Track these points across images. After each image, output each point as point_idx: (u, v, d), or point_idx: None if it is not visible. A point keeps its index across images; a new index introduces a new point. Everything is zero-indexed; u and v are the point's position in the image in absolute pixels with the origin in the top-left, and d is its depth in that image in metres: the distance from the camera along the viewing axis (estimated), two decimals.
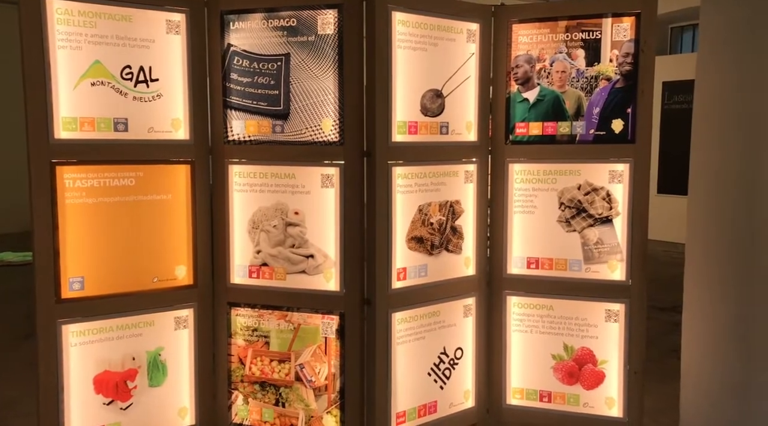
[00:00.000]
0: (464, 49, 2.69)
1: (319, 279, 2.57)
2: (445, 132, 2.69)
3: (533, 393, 2.85)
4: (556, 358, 2.82)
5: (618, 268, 2.74)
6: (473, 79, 2.74)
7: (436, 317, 2.74)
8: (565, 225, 2.80)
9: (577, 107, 2.72)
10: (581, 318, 2.79)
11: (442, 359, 2.76)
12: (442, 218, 2.73)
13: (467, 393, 2.85)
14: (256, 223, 2.60)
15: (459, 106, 2.71)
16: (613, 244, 2.74)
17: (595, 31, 2.66)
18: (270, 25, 2.51)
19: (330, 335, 2.58)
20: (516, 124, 2.80)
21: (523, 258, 2.85)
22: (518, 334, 2.88)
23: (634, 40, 2.62)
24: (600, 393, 2.77)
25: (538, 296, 2.83)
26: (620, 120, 2.68)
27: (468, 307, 2.83)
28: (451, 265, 2.77)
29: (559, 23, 2.69)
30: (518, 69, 2.77)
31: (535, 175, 2.81)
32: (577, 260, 2.79)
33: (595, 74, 2.68)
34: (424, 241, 2.68)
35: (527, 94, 2.77)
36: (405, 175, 2.60)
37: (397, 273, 2.61)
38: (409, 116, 2.58)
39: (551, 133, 2.77)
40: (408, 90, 2.57)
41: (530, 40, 2.74)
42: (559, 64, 2.72)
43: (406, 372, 2.66)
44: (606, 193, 2.74)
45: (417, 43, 2.56)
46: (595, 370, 2.77)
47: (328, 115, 2.49)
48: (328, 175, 2.52)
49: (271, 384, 2.64)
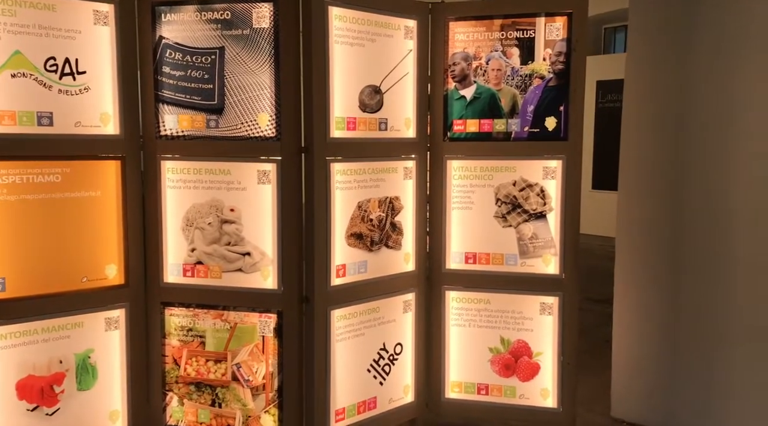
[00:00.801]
0: (402, 46, 2.70)
1: (256, 277, 2.53)
2: (384, 128, 2.69)
3: (471, 386, 2.89)
4: (493, 351, 2.87)
5: (552, 262, 2.80)
6: (411, 75, 2.75)
7: (376, 313, 2.74)
8: (501, 220, 2.85)
9: (513, 105, 2.77)
10: (517, 311, 2.85)
11: (382, 355, 2.77)
12: (381, 214, 2.73)
13: (407, 388, 2.86)
14: (191, 221, 2.53)
15: (398, 103, 2.71)
16: (547, 239, 2.81)
17: (529, 30, 2.71)
18: (203, 18, 2.45)
19: (267, 334, 2.54)
20: (454, 121, 2.83)
21: (462, 253, 2.88)
22: (457, 328, 2.91)
23: (566, 39, 2.68)
24: (535, 384, 2.83)
25: (476, 290, 2.87)
26: (553, 118, 2.74)
27: (408, 302, 2.85)
28: (390, 261, 2.77)
29: (495, 22, 2.73)
30: (455, 66, 2.80)
31: (473, 172, 2.85)
32: (513, 255, 2.84)
33: (530, 72, 2.73)
34: (364, 237, 2.67)
35: (464, 91, 2.80)
36: (344, 171, 2.59)
37: (336, 270, 2.59)
38: (348, 112, 2.57)
39: (488, 130, 2.81)
40: (346, 86, 2.55)
41: (467, 37, 2.77)
42: (495, 62, 2.76)
43: (346, 369, 2.65)
44: (540, 189, 2.80)
45: (354, 38, 2.55)
46: (531, 362, 2.83)
47: (265, 109, 2.46)
48: (264, 171, 2.48)
49: (207, 384, 2.59)
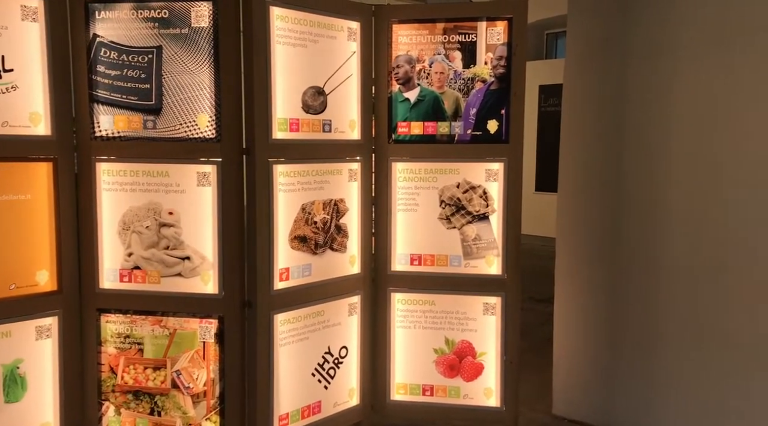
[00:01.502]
0: (345, 48, 2.69)
1: (196, 282, 2.47)
2: (328, 130, 2.67)
3: (416, 387, 2.90)
4: (438, 352, 2.89)
5: (495, 263, 2.84)
6: (355, 77, 2.74)
7: (321, 317, 2.72)
8: (445, 222, 2.87)
9: (456, 108, 2.80)
10: (461, 312, 2.87)
11: (327, 359, 2.75)
12: (326, 217, 2.71)
13: (352, 391, 2.85)
14: (127, 224, 2.46)
15: (341, 105, 2.70)
16: (490, 240, 2.84)
17: (471, 34, 2.74)
18: (140, 16, 2.38)
19: (208, 340, 2.49)
20: (398, 123, 2.83)
21: (407, 255, 2.89)
22: (402, 330, 2.92)
23: (506, 43, 2.72)
24: (479, 384, 2.86)
25: (421, 292, 2.89)
26: (495, 121, 2.78)
27: (353, 305, 2.84)
28: (335, 264, 2.76)
29: (437, 25, 2.75)
30: (399, 69, 2.80)
31: (417, 174, 2.86)
32: (457, 256, 2.87)
33: (472, 76, 2.77)
34: (308, 240, 2.65)
35: (408, 94, 2.82)
36: (287, 173, 2.56)
37: (279, 273, 2.56)
38: (290, 113, 2.54)
39: (432, 132, 2.82)
40: (288, 86, 2.52)
41: (410, 40, 2.79)
42: (438, 65, 2.78)
43: (289, 374, 2.62)
44: (483, 191, 2.83)
45: (297, 39, 2.53)
46: (475, 362, 2.86)
47: (204, 110, 2.40)
48: (204, 173, 2.43)
49: (146, 392, 2.51)
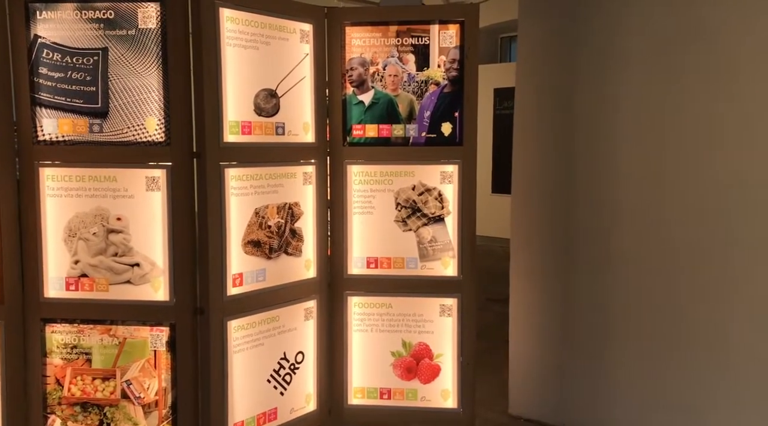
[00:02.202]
0: (298, 50, 2.67)
1: (147, 289, 2.41)
2: (281, 133, 2.65)
3: (374, 391, 2.89)
4: (395, 354, 2.89)
5: (450, 265, 2.85)
6: (308, 79, 2.72)
7: (276, 322, 2.68)
8: (401, 224, 2.87)
9: (410, 110, 2.80)
10: (418, 314, 2.88)
11: (283, 365, 2.71)
12: (280, 221, 2.68)
13: (308, 397, 2.82)
14: (73, 231, 2.38)
15: (295, 107, 2.68)
16: (445, 242, 2.86)
17: (424, 37, 2.75)
18: (84, 17, 2.31)
19: (160, 348, 2.43)
20: (353, 126, 2.82)
21: (363, 258, 2.88)
22: (359, 333, 2.90)
23: (459, 46, 2.74)
24: (436, 386, 2.87)
25: (378, 295, 2.88)
26: (449, 123, 2.80)
27: (309, 310, 2.81)
28: (291, 269, 2.73)
29: (391, 28, 2.75)
30: (353, 71, 2.80)
31: (373, 177, 2.86)
32: (413, 258, 2.87)
33: (425, 79, 2.78)
34: (262, 244, 2.61)
35: (362, 96, 2.81)
36: (239, 176, 2.52)
37: (232, 279, 2.51)
38: (242, 116, 2.51)
39: (386, 135, 2.82)
40: (240, 89, 2.49)
41: (363, 43, 2.78)
42: (392, 67, 2.78)
43: (244, 381, 2.58)
44: (438, 193, 2.84)
45: (248, 41, 2.49)
46: (432, 363, 2.87)
47: (153, 113, 2.35)
48: (153, 177, 2.37)
49: (95, 404, 2.43)
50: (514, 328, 3.30)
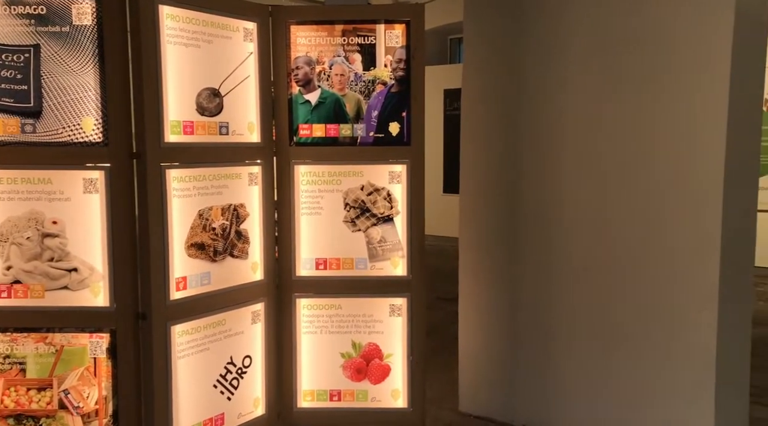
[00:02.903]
0: (242, 48, 2.62)
1: (85, 294, 2.33)
2: (225, 132, 2.60)
3: (323, 393, 2.87)
4: (345, 356, 2.87)
5: (400, 264, 2.85)
6: (253, 78, 2.67)
7: (222, 326, 2.63)
8: (350, 225, 2.85)
9: (357, 110, 2.79)
10: (368, 314, 2.86)
11: (229, 369, 2.66)
12: (225, 222, 2.63)
13: (257, 401, 2.77)
14: (5, 236, 2.28)
15: (239, 106, 2.63)
16: (394, 242, 2.85)
17: (370, 37, 2.74)
18: (13, 12, 2.21)
19: (100, 355, 2.35)
20: (299, 125, 2.79)
21: (312, 259, 2.85)
22: (308, 335, 2.87)
23: (405, 46, 2.74)
24: (386, 386, 2.86)
25: (327, 296, 2.86)
26: (397, 123, 2.79)
27: (256, 313, 2.76)
28: (237, 271, 2.68)
29: (336, 27, 2.74)
30: (298, 70, 2.77)
31: (321, 177, 2.83)
32: (362, 259, 2.85)
33: (372, 78, 2.77)
34: (206, 247, 2.56)
35: (309, 95, 2.78)
36: (181, 177, 2.46)
37: (176, 283, 2.45)
38: (184, 115, 2.45)
39: (334, 135, 2.80)
40: (181, 88, 2.43)
41: (309, 42, 2.75)
42: (338, 67, 2.76)
43: (189, 387, 2.52)
44: (387, 193, 2.84)
45: (189, 39, 2.44)
46: (382, 364, 2.86)
47: (89, 113, 2.27)
48: (91, 179, 2.29)
49: (30, 416, 2.33)
50: (464, 327, 3.33)
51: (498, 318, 3.21)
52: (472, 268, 3.28)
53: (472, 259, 3.28)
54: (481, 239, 3.24)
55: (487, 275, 3.22)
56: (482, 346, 3.26)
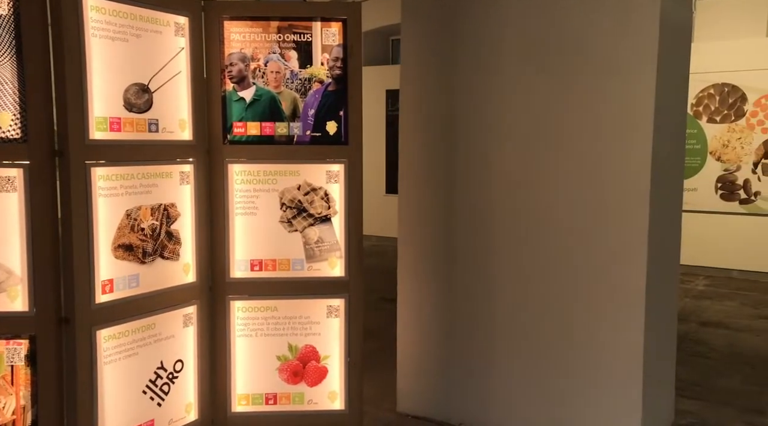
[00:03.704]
0: (172, 43, 2.54)
1: (2, 299, 2.20)
2: (155, 130, 2.51)
3: (259, 397, 2.81)
4: (281, 358, 2.82)
5: (338, 265, 2.82)
6: (185, 75, 2.60)
7: (152, 330, 2.54)
8: (287, 225, 2.81)
9: (294, 108, 2.75)
10: (305, 316, 2.83)
11: (160, 374, 2.58)
12: (155, 223, 2.54)
13: (189, 406, 2.69)
14: None
15: (170, 103, 2.55)
16: (332, 242, 2.82)
17: (306, 34, 2.71)
18: None
19: (17, 362, 2.23)
20: (234, 123, 2.73)
21: (247, 261, 2.79)
22: (243, 338, 2.81)
23: (342, 45, 2.72)
24: (323, 388, 2.83)
25: (263, 298, 2.80)
26: (334, 122, 2.77)
27: (188, 316, 2.68)
28: (167, 273, 2.59)
29: (271, 23, 2.69)
30: (232, 67, 2.70)
31: (256, 176, 2.78)
32: (299, 259, 2.81)
33: (309, 76, 2.73)
34: (135, 248, 2.47)
35: (243, 93, 2.72)
36: (108, 176, 2.36)
37: (101, 286, 2.35)
38: (110, 112, 2.35)
39: (269, 133, 2.75)
40: (108, 83, 2.33)
41: (243, 38, 2.69)
42: (273, 64, 2.71)
43: (116, 393, 2.42)
44: (324, 193, 2.81)
45: (116, 32, 2.34)
46: (319, 366, 2.83)
47: (6, 108, 2.15)
48: (8, 177, 2.17)
49: None
50: (402, 327, 3.33)
51: (436, 318, 3.22)
52: (410, 268, 3.28)
53: (410, 259, 3.29)
54: (420, 239, 3.25)
55: (426, 275, 3.23)
56: (420, 346, 3.27)
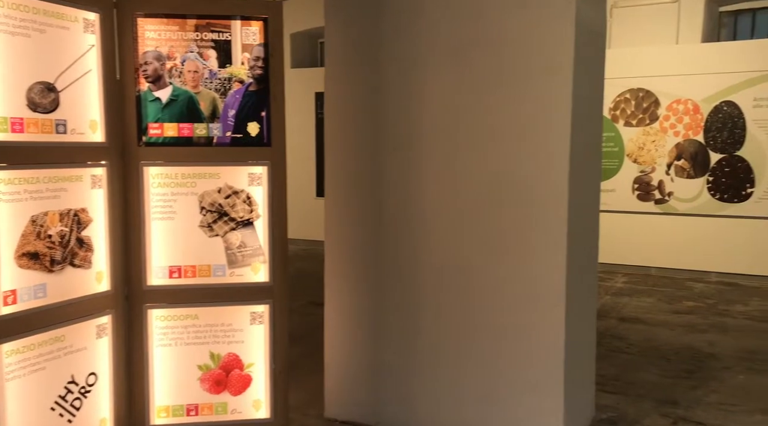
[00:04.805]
0: (81, 40, 2.41)
1: None
2: (63, 131, 2.38)
3: (180, 408, 2.71)
4: (203, 368, 2.73)
5: (261, 270, 2.76)
6: (96, 73, 2.47)
7: (61, 343, 2.40)
8: (207, 230, 2.72)
9: (213, 109, 2.66)
10: (227, 324, 2.75)
11: (70, 389, 2.43)
12: (64, 229, 2.41)
13: (104, 421, 2.56)
14: None
15: (79, 103, 2.42)
16: (255, 247, 2.76)
17: (225, 33, 2.63)
18: None
19: None
20: (149, 124, 2.62)
21: (165, 267, 2.69)
22: (162, 348, 2.70)
23: (263, 44, 2.66)
24: (247, 397, 2.76)
25: (183, 306, 2.71)
26: (256, 123, 2.70)
27: (102, 326, 2.55)
28: (78, 282, 2.46)
29: (189, 21, 2.60)
30: (147, 66, 2.60)
31: (174, 179, 2.68)
32: (221, 265, 2.73)
33: (228, 76, 2.66)
34: (41, 256, 2.32)
35: (159, 93, 2.62)
36: (10, 180, 2.22)
37: (3, 297, 2.20)
38: (12, 111, 2.21)
39: (187, 134, 2.66)
40: (8, 81, 2.19)
41: (159, 36, 2.59)
42: (191, 63, 2.63)
43: (22, 411, 2.27)
44: (246, 196, 2.74)
45: (17, 27, 2.20)
46: (242, 374, 2.75)
47: None
48: None
49: None
50: (329, 331, 3.29)
51: (363, 321, 3.20)
52: (337, 271, 3.24)
53: (337, 263, 3.25)
54: (346, 242, 3.22)
55: (353, 279, 3.20)
56: (348, 350, 3.24)
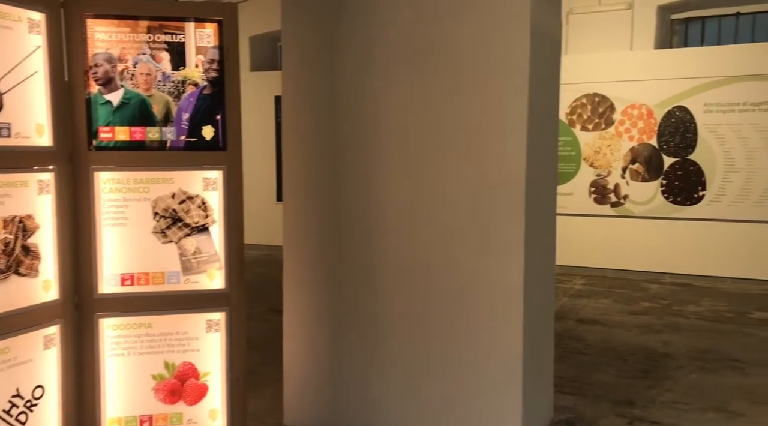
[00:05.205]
0: (26, 41, 2.33)
1: None
2: (7, 135, 2.29)
3: (132, 420, 2.63)
4: (157, 378, 2.66)
5: (217, 277, 2.70)
6: (42, 75, 2.39)
7: (5, 355, 2.30)
8: (161, 236, 2.65)
9: (166, 112, 2.60)
10: (182, 332, 2.68)
11: (15, 403, 2.34)
12: (8, 237, 2.32)
13: None
14: None
15: (24, 105, 2.33)
16: (211, 253, 2.70)
17: (179, 35, 2.58)
18: None
19: None
20: (100, 128, 2.55)
21: (117, 275, 2.61)
22: (114, 358, 2.62)
23: (218, 46, 2.61)
24: (204, 406, 2.69)
25: (135, 315, 2.63)
26: (211, 127, 2.65)
27: (50, 337, 2.46)
28: (24, 291, 2.37)
29: (140, 23, 2.54)
30: (98, 68, 2.52)
31: (126, 184, 2.61)
32: (175, 272, 2.67)
33: (182, 79, 2.60)
34: None
35: (110, 95, 2.55)
36: None
37: None
38: None
39: (140, 138, 2.59)
40: None
41: (109, 37, 2.52)
42: (143, 65, 2.56)
43: None
44: (201, 201, 2.68)
45: None
46: (198, 383, 2.69)
47: None
48: None
49: None
50: (289, 337, 3.25)
51: (322, 327, 3.17)
52: (296, 277, 3.21)
53: (296, 268, 3.22)
54: (305, 247, 3.19)
55: (311, 284, 3.17)
56: (307, 357, 3.20)
